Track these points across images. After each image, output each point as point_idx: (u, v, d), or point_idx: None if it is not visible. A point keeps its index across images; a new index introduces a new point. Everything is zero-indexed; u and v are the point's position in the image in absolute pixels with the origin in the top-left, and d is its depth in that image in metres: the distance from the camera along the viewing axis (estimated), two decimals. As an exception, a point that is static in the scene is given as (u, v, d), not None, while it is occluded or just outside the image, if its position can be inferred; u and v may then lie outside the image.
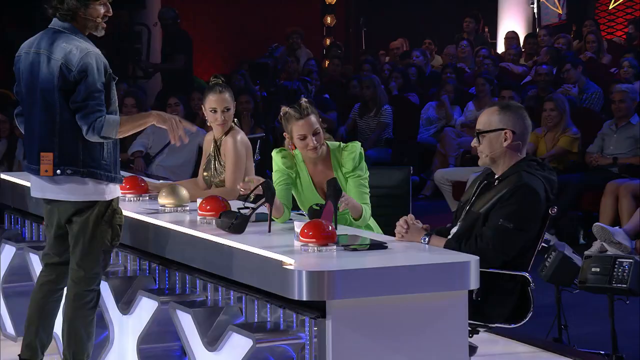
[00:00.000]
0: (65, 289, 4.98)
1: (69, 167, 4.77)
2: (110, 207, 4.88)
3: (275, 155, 5.32)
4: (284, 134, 5.33)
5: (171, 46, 13.45)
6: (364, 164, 5.30)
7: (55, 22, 4.83)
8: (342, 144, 5.35)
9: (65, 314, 4.94)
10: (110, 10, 4.88)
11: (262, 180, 4.84)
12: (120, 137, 4.84)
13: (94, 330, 4.96)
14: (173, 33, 13.46)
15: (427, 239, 4.64)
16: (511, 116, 4.77)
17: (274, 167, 5.31)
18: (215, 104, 5.83)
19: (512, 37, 14.83)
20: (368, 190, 5.28)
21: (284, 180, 5.25)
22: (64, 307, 4.96)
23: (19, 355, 5.07)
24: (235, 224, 4.67)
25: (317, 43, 17.06)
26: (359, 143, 5.36)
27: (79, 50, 4.71)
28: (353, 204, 5.11)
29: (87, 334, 4.92)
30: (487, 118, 4.81)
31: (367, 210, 5.22)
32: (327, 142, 5.35)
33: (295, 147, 5.28)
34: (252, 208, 4.79)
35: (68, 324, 4.91)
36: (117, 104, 4.88)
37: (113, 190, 4.88)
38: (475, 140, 4.82)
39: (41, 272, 5.11)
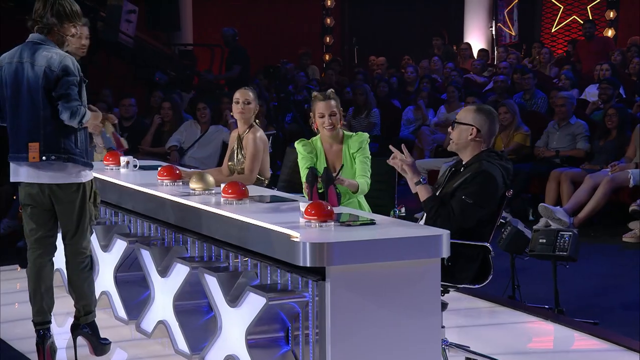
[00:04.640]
0: (66, 261, 4.83)
1: (52, 154, 4.60)
2: (92, 190, 4.76)
3: (297, 145, 5.37)
4: (310, 113, 5.37)
5: (231, 58, 13.30)
6: (367, 148, 5.32)
7: (33, 37, 4.69)
8: (354, 133, 5.38)
9: (69, 278, 4.85)
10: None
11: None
12: (85, 126, 4.65)
13: (94, 286, 4.88)
14: (233, 47, 13.32)
15: (425, 178, 4.62)
16: (482, 118, 4.70)
17: (299, 156, 5.35)
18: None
19: (465, 48, 15.09)
20: (369, 166, 5.28)
21: (308, 164, 5.29)
22: (67, 273, 4.85)
23: (32, 320, 4.79)
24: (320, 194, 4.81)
25: (319, 58, 17.05)
26: (367, 134, 5.39)
27: (58, 55, 4.60)
28: (349, 183, 5.12)
29: (90, 290, 4.83)
30: (465, 113, 4.76)
31: (366, 182, 5.23)
32: (344, 131, 5.36)
33: (317, 126, 5.32)
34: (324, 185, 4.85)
35: (73, 285, 4.83)
36: (86, 102, 4.69)
37: (88, 174, 4.74)
38: (450, 127, 4.77)
39: (30, 248, 4.82)
